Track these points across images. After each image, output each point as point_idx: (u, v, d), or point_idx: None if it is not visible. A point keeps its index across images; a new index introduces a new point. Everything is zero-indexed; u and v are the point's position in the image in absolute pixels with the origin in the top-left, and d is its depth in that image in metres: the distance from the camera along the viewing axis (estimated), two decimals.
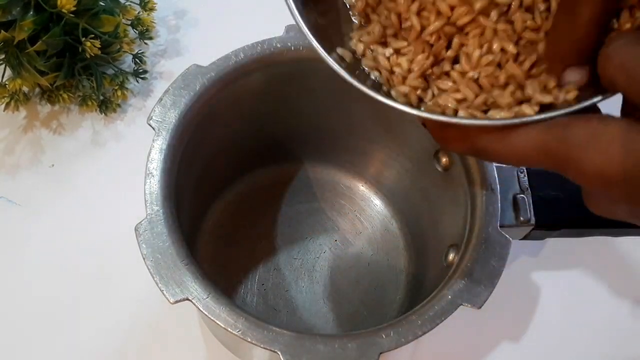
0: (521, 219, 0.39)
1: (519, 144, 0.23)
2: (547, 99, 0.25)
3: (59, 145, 0.55)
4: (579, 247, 0.52)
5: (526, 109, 0.25)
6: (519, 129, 0.23)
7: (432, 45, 0.27)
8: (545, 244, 0.53)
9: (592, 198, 0.25)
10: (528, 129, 0.23)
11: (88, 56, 0.50)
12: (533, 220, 0.40)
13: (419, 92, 0.27)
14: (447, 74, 0.27)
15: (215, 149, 0.45)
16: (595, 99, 0.24)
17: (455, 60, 0.27)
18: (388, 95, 0.27)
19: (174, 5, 0.63)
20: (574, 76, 0.24)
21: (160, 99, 0.39)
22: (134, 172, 0.39)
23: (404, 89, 0.27)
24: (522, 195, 0.40)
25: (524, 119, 0.24)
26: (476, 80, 0.27)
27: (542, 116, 0.24)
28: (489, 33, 0.26)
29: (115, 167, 0.54)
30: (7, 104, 0.52)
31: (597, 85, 0.24)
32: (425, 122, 0.28)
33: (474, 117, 0.25)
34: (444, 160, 0.43)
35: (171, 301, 0.32)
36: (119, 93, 0.55)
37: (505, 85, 0.26)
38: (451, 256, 0.40)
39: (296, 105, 0.46)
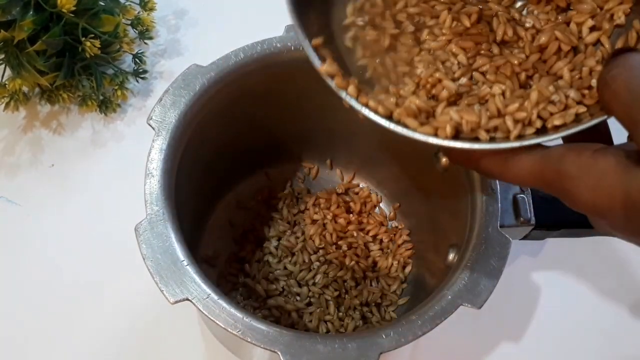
0: (521, 219, 0.39)
1: (517, 170, 0.25)
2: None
3: (59, 145, 0.55)
4: (579, 247, 0.52)
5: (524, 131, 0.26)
6: (516, 157, 0.25)
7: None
8: (545, 244, 0.53)
9: (593, 221, 0.26)
10: (524, 158, 0.25)
11: (88, 56, 0.50)
12: (533, 220, 0.40)
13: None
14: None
15: (215, 148, 0.45)
16: (589, 123, 0.25)
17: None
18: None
19: (174, 5, 0.63)
20: None
21: (160, 99, 0.38)
22: (133, 172, 0.39)
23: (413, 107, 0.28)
24: (522, 195, 0.40)
25: (523, 142, 0.25)
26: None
27: (532, 141, 0.25)
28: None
29: (115, 167, 0.54)
30: (7, 104, 0.52)
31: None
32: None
33: (477, 140, 0.26)
34: (444, 160, 0.42)
35: (171, 301, 0.32)
36: (119, 93, 0.55)
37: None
38: (451, 256, 0.40)
39: (296, 105, 0.46)
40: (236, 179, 0.52)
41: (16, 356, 0.46)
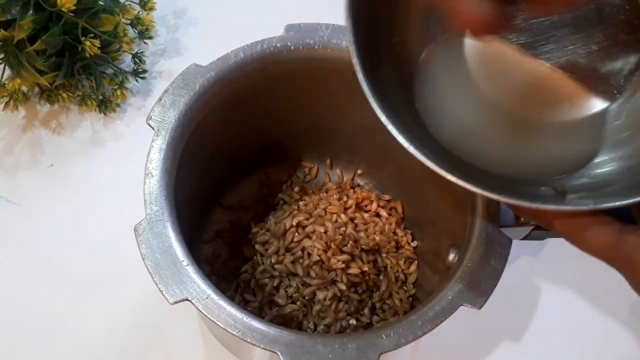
0: (521, 219, 0.39)
1: (590, 244, 0.26)
2: None
3: (58, 145, 0.55)
4: None
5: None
6: (591, 231, 0.26)
7: None
8: (545, 244, 0.53)
9: None
10: (599, 234, 0.26)
11: (87, 55, 0.50)
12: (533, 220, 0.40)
13: None
14: None
15: (215, 148, 0.45)
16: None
17: None
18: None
19: (174, 5, 0.63)
20: None
21: (160, 99, 0.38)
22: (133, 172, 0.39)
23: None
24: None
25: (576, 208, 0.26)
26: None
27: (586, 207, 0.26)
28: None
29: (115, 167, 0.54)
30: (7, 104, 0.52)
31: None
32: None
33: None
34: None
35: (171, 302, 0.32)
36: (119, 93, 0.55)
37: None
38: (451, 256, 0.40)
39: (296, 105, 0.46)
40: (236, 179, 0.52)
41: (15, 356, 0.46)
